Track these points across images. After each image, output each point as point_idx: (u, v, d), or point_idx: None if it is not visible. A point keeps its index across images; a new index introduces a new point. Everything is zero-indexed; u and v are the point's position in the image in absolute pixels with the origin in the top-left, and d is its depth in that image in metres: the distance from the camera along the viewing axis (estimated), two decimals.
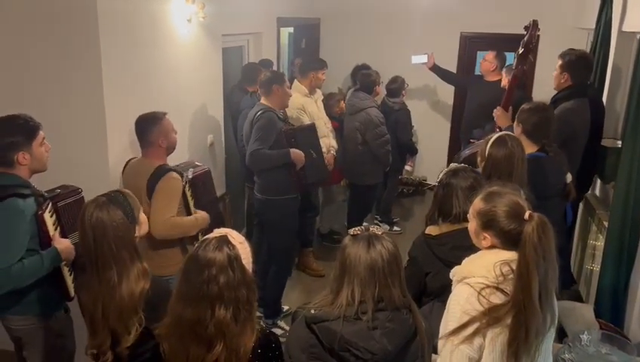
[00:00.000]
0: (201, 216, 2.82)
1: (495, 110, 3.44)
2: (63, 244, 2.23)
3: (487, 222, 1.74)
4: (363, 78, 4.89)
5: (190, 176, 2.83)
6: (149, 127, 2.72)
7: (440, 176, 2.32)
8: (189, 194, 2.81)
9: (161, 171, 2.67)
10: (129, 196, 1.99)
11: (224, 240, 1.59)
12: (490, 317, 1.60)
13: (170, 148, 2.82)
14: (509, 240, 1.69)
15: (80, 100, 2.83)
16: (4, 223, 2.09)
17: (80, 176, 2.57)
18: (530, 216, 1.63)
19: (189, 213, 2.80)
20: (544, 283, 1.58)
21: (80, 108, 2.84)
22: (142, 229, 2.05)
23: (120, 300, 1.82)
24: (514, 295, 1.59)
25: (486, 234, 1.75)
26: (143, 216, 2.06)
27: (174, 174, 2.69)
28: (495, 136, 2.56)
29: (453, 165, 2.38)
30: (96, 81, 2.80)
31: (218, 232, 1.65)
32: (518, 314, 1.57)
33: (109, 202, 1.89)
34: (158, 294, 1.86)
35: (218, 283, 1.52)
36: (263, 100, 3.62)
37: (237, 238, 1.65)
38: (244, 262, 1.60)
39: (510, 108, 3.36)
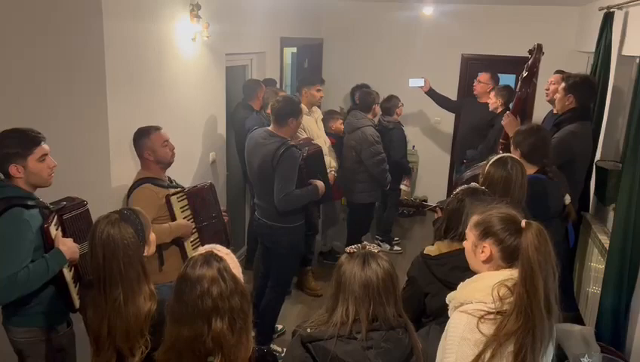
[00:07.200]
0: (176, 224, 2.80)
1: (505, 115, 3.45)
2: (67, 245, 2.22)
3: (485, 230, 1.74)
4: (363, 95, 4.93)
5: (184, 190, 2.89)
6: (138, 140, 2.82)
7: (457, 190, 2.29)
8: (178, 205, 2.83)
9: (138, 183, 2.78)
10: (141, 214, 1.96)
11: (210, 255, 1.58)
12: (500, 335, 1.57)
13: (161, 162, 2.84)
14: (508, 248, 1.69)
15: (84, 116, 2.86)
16: (8, 232, 2.09)
17: (82, 191, 2.57)
18: (526, 223, 1.64)
19: None
20: (545, 290, 1.58)
21: (84, 123, 2.86)
22: (150, 249, 2.01)
23: (126, 320, 1.79)
24: (518, 302, 1.57)
25: (485, 244, 1.74)
26: (152, 236, 2.02)
27: (148, 185, 2.76)
28: (497, 156, 2.57)
29: (474, 184, 2.34)
30: (100, 98, 2.83)
31: (203, 249, 1.64)
32: (525, 322, 1.56)
33: (121, 219, 1.86)
34: (164, 318, 1.80)
35: (211, 295, 1.50)
36: (273, 128, 3.43)
37: (222, 250, 1.64)
38: (233, 271, 1.58)
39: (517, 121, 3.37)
